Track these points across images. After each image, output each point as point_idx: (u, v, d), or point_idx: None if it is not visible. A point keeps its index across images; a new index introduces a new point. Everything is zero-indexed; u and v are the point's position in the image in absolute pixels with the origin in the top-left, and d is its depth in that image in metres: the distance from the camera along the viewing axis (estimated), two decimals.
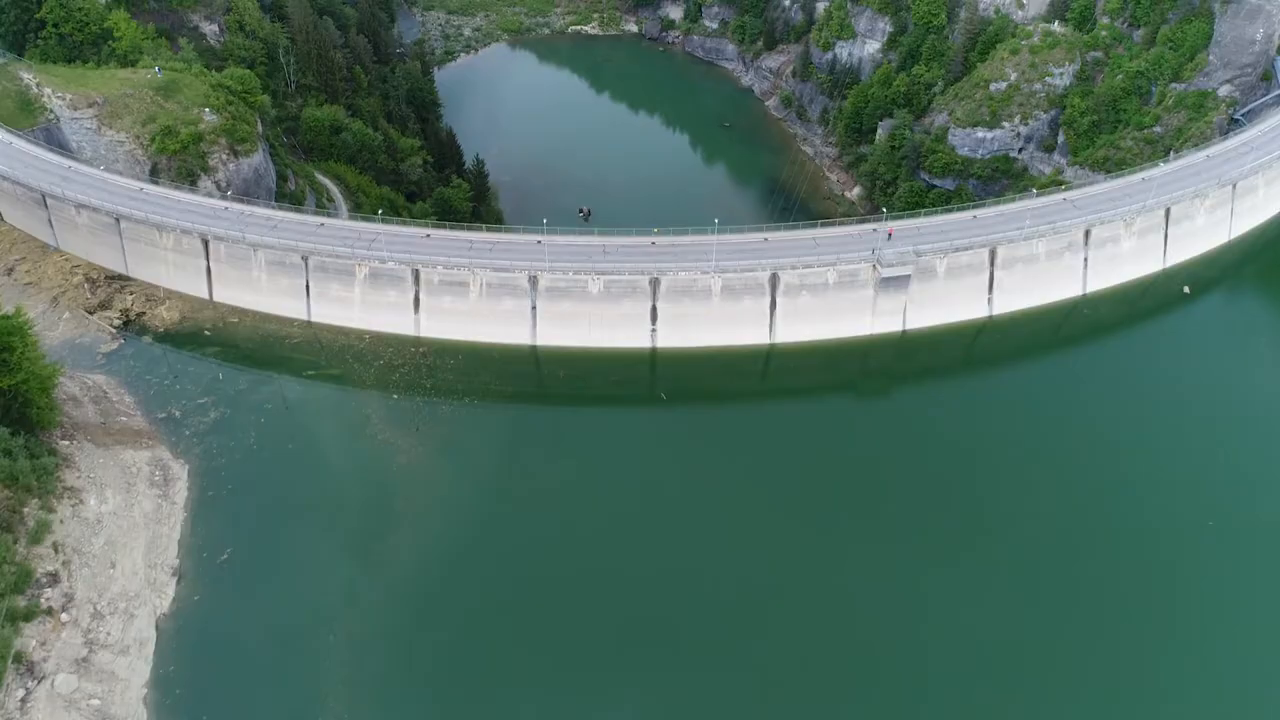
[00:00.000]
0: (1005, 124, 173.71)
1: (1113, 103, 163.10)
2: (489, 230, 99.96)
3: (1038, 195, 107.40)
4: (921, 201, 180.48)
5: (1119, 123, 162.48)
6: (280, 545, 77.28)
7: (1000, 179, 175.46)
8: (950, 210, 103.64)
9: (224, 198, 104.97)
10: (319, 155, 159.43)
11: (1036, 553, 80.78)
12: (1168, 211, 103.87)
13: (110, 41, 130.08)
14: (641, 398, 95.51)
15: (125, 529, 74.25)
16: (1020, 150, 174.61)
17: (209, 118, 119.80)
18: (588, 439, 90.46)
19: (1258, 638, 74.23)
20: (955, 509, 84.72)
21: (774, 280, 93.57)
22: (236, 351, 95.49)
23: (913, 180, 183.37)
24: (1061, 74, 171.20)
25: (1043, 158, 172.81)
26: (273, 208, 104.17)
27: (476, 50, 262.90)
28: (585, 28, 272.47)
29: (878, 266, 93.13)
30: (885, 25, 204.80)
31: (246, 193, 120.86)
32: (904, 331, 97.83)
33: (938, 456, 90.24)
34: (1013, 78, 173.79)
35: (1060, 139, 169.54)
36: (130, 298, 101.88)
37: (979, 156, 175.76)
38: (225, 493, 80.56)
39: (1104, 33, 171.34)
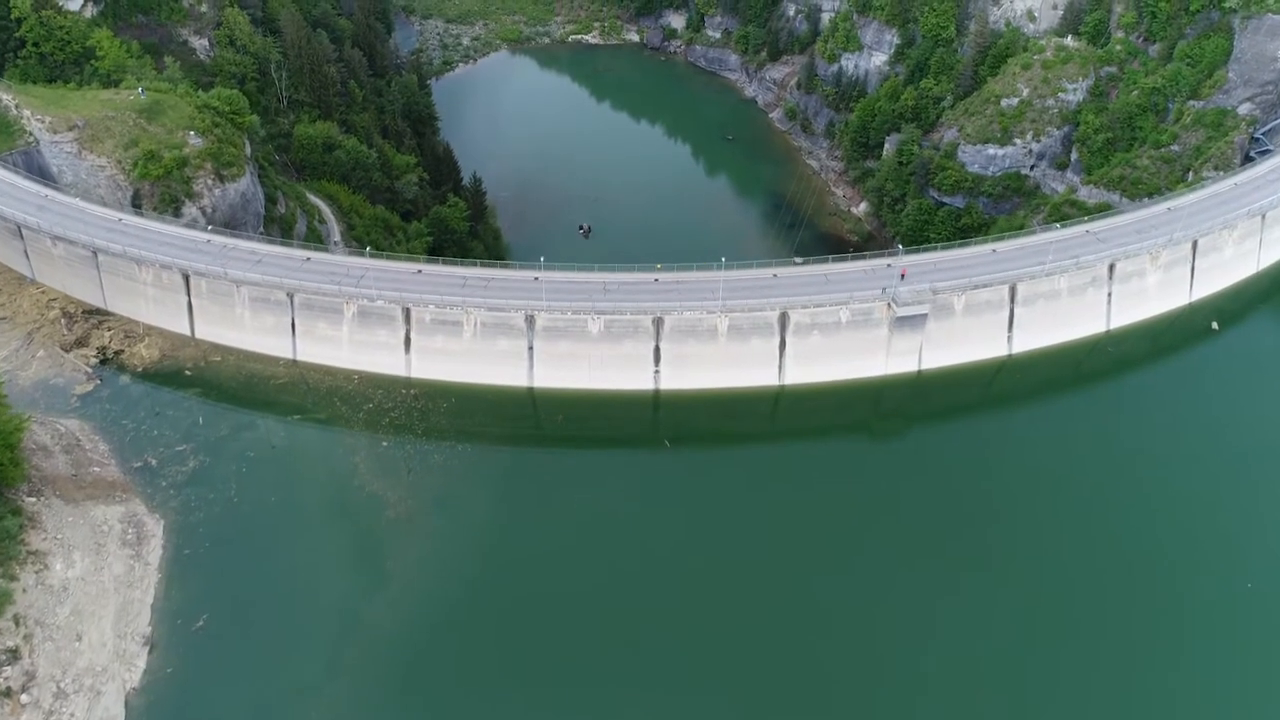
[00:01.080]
0: (1017, 141, 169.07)
1: (1128, 120, 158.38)
2: (483, 266, 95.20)
3: (1060, 227, 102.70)
4: (930, 219, 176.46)
5: (1135, 140, 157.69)
6: (260, 609, 72.66)
7: (1011, 197, 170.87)
8: (968, 244, 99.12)
9: (206, 229, 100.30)
10: (311, 174, 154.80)
11: (1060, 603, 76.63)
12: (1195, 244, 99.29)
13: (93, 61, 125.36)
14: (645, 443, 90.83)
15: (94, 595, 69.59)
16: (1032, 168, 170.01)
17: (194, 141, 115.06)
18: (588, 488, 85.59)
19: None
20: (973, 554, 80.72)
21: (783, 320, 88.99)
22: (218, 393, 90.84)
23: (921, 198, 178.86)
24: (1075, 89, 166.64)
25: (1055, 175, 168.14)
26: (257, 240, 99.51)
27: (475, 60, 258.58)
28: (586, 37, 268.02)
29: (893, 305, 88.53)
30: (892, 37, 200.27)
31: (233, 218, 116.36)
32: (919, 371, 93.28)
33: (954, 500, 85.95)
34: (1024, 93, 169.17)
35: (1074, 156, 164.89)
36: (108, 334, 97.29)
37: (990, 174, 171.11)
38: (203, 551, 75.91)
39: (1119, 47, 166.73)
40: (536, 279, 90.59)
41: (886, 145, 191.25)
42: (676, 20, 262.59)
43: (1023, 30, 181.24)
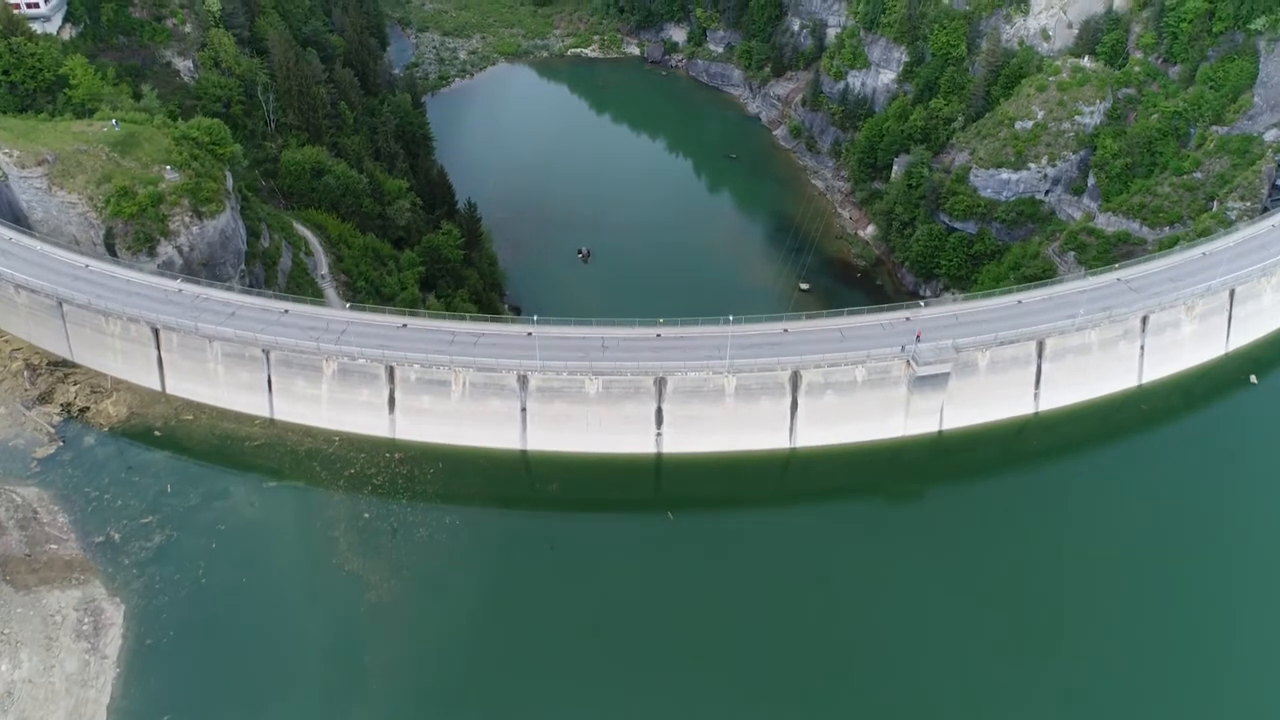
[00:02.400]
0: (1031, 165, 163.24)
1: (1148, 144, 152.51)
2: (473, 320, 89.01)
3: (1087, 275, 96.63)
4: (941, 245, 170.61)
5: (1155, 166, 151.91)
6: (225, 710, 66.59)
7: (1025, 223, 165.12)
8: (992, 295, 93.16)
9: (178, 278, 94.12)
10: (299, 201, 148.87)
11: (1090, 680, 71.73)
12: (1232, 292, 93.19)
13: (66, 90, 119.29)
14: (647, 510, 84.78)
15: (41, 700, 63.56)
16: (1047, 193, 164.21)
17: (170, 176, 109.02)
18: (585, 565, 79.52)
19: None
20: (998, 625, 75.97)
21: (795, 379, 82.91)
22: (189, 456, 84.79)
23: (931, 222, 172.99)
24: (1092, 112, 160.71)
25: (1071, 201, 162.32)
26: (231, 291, 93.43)
27: (472, 75, 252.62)
28: (585, 50, 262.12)
29: (912, 363, 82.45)
30: (901, 55, 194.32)
31: (212, 257, 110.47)
32: (941, 432, 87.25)
33: (977, 568, 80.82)
34: (1039, 116, 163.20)
35: (1091, 182, 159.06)
36: (74, 389, 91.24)
37: (1003, 199, 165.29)
38: (166, 641, 69.82)
39: (1137, 69, 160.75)
40: (530, 334, 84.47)
41: (895, 167, 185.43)
42: (678, 34, 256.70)
43: (1037, 50, 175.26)
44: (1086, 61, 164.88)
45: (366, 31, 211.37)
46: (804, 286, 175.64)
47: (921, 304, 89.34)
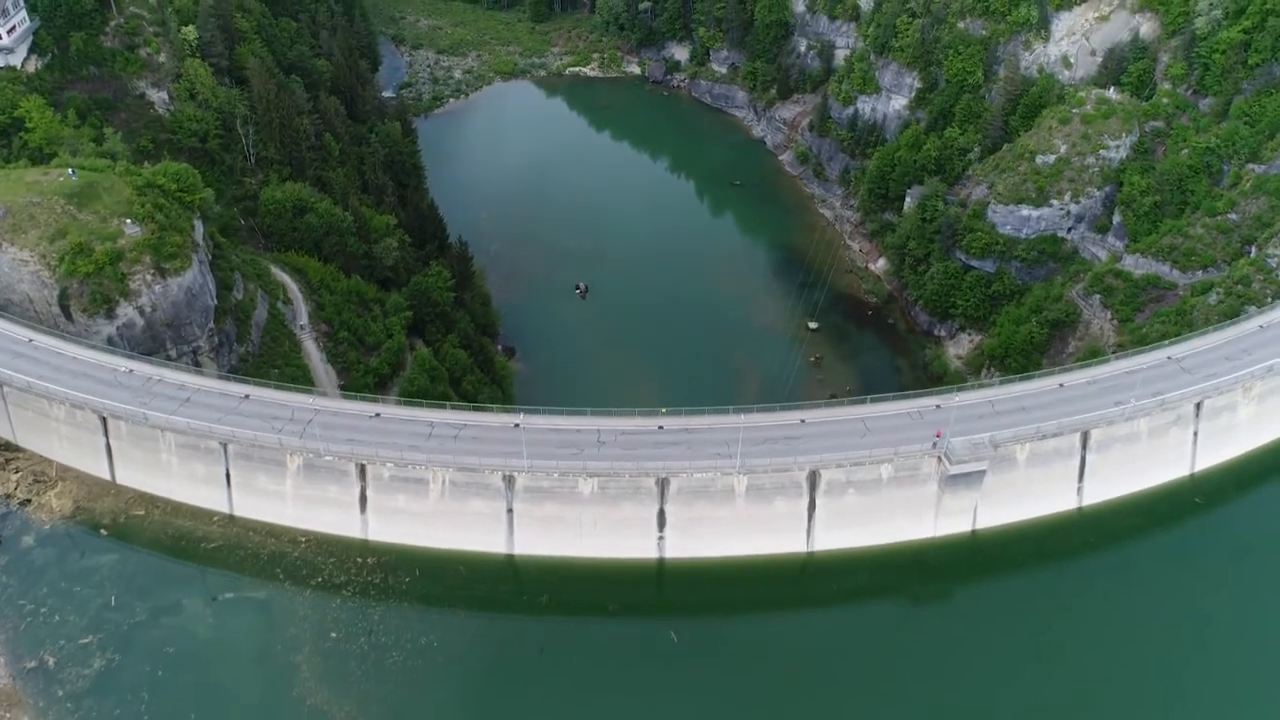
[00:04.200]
0: (1053, 201, 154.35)
1: (1178, 182, 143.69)
2: (453, 409, 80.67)
3: (1134, 354, 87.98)
4: (957, 285, 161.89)
5: (1185, 205, 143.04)
6: None
7: (1047, 262, 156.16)
8: (1029, 378, 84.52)
9: (128, 356, 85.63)
10: (280, 242, 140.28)
11: None
12: None
13: (21, 133, 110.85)
14: (648, 621, 76.33)
15: None
16: (1070, 231, 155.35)
17: (131, 230, 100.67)
18: (579, 681, 71.11)
19: None
20: None
21: (814, 478, 74.33)
22: (138, 561, 76.53)
23: (947, 259, 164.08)
24: (1118, 146, 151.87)
25: (1096, 239, 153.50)
26: (187, 371, 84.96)
27: (467, 95, 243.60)
28: (584, 69, 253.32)
29: (945, 460, 73.85)
30: (913, 80, 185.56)
31: (177, 318, 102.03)
32: (974, 532, 78.67)
33: (1011, 673, 73.32)
34: (1062, 149, 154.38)
35: (1116, 220, 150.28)
36: (15, 477, 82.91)
37: (1023, 236, 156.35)
38: None
39: (1165, 100, 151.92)
40: (517, 426, 75.82)
41: (908, 199, 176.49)
42: (680, 53, 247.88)
43: (1057, 77, 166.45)
44: (1111, 92, 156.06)
45: (356, 53, 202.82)
46: (813, 325, 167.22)
47: (955, 392, 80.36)
